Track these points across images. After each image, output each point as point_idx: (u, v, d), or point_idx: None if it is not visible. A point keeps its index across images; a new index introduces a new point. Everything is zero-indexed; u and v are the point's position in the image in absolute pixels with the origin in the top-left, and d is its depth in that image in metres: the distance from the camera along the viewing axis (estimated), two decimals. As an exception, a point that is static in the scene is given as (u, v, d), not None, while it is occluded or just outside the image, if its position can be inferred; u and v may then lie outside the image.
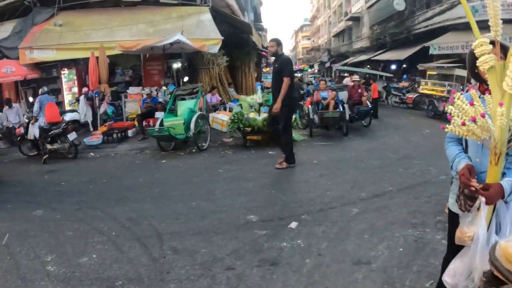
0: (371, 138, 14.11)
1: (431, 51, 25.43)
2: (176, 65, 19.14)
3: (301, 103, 16.87)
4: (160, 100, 15.59)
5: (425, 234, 5.62)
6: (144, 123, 14.76)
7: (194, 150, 12.45)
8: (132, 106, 16.61)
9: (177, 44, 15.08)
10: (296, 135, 13.44)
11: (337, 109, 14.44)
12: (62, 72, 18.64)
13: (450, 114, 2.56)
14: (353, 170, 9.64)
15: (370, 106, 15.65)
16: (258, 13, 40.10)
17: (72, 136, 12.73)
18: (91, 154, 13.37)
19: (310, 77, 49.43)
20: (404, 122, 18.15)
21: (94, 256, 5.42)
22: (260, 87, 13.55)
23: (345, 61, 47.89)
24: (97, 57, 15.70)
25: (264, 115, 12.27)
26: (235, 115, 12.05)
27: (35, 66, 17.81)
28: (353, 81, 16.31)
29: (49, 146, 12.68)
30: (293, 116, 11.72)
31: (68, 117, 15.29)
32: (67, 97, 18.91)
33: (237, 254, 5.27)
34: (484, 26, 2.62)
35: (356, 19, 47.31)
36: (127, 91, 17.27)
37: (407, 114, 21.49)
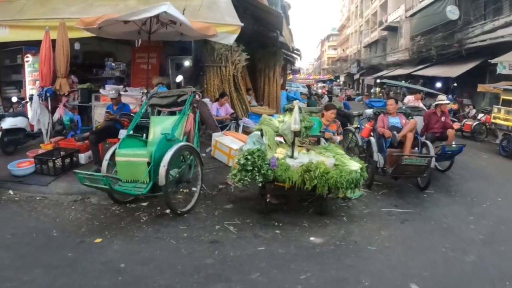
0: (466, 200, 7.97)
1: (500, 70, 19.29)
2: (187, 62, 13.32)
3: (351, 128, 10.77)
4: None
5: None
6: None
7: (167, 211, 6.47)
8: (102, 114, 10.66)
9: (172, 26, 9.16)
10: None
11: (416, 148, 8.45)
12: (26, 59, 12.82)
13: None
14: None
15: (460, 146, 9.35)
16: (287, 15, 34.11)
17: None
18: (10, 192, 7.68)
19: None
20: (483, 166, 11.82)
21: None
22: (298, 104, 7.11)
23: (378, 74, 41.67)
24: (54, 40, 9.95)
25: (304, 157, 6.28)
26: (250, 156, 5.87)
27: None
28: (437, 104, 10.02)
29: None
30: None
31: (7, 123, 9.96)
32: (31, 93, 12.96)
33: None
34: None
35: (393, 29, 40.81)
36: (100, 90, 11.35)
37: (472, 147, 14.96)
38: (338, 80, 69.15)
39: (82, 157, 9.02)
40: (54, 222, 6.25)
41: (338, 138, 8.29)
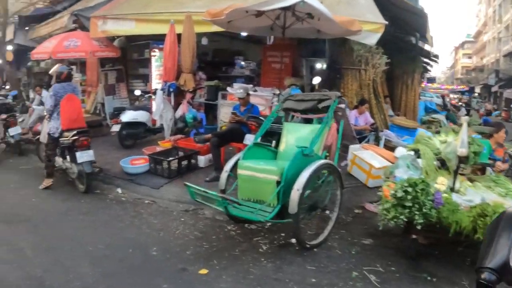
0: None
1: None
2: (323, 64, 12.00)
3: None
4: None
5: None
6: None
7: (293, 241, 5.16)
8: (228, 114, 9.76)
9: (308, 21, 7.91)
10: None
11: None
12: (153, 53, 12.55)
13: None
14: None
15: None
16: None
17: (82, 156, 6.93)
18: (118, 191, 7.18)
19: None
20: None
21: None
22: (466, 118, 5.52)
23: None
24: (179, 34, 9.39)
25: (473, 193, 4.71)
26: (411, 188, 4.36)
27: (116, 42, 13.09)
28: None
29: (59, 162, 7.48)
30: None
31: (127, 116, 9.87)
32: (156, 87, 12.69)
33: None
34: None
35: (539, 37, 36.39)
36: (227, 88, 10.52)
37: None
38: (474, 93, 63.97)
39: (202, 160, 8.17)
40: (157, 236, 5.37)
41: (504, 166, 6.52)
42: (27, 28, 16.40)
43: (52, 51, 11.50)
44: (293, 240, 5.11)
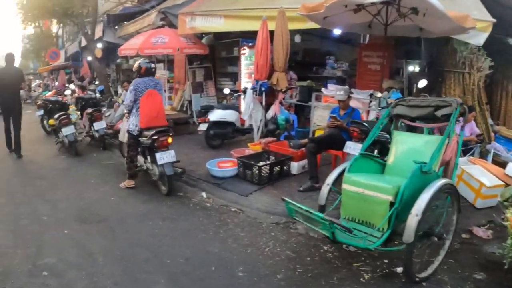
0: None
1: None
2: (413, 67, 11.10)
3: None
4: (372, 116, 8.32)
5: None
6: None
7: (398, 270, 4.31)
8: (323, 117, 9.07)
9: (411, 18, 7.15)
10: None
11: None
12: (242, 51, 12.12)
13: None
14: None
15: None
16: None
17: (162, 157, 6.52)
18: (203, 195, 6.72)
19: None
20: None
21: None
22: None
23: None
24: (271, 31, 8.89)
25: None
26: None
27: (204, 40, 13.32)
28: None
29: (140, 162, 7.28)
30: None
31: (215, 115, 9.51)
32: (245, 86, 12.23)
33: None
34: None
35: None
36: (322, 90, 9.86)
37: None
38: None
39: (295, 167, 7.48)
40: (244, 253, 4.77)
41: None
42: (116, 26, 16.66)
43: (139, 47, 11.47)
44: (398, 270, 4.30)
